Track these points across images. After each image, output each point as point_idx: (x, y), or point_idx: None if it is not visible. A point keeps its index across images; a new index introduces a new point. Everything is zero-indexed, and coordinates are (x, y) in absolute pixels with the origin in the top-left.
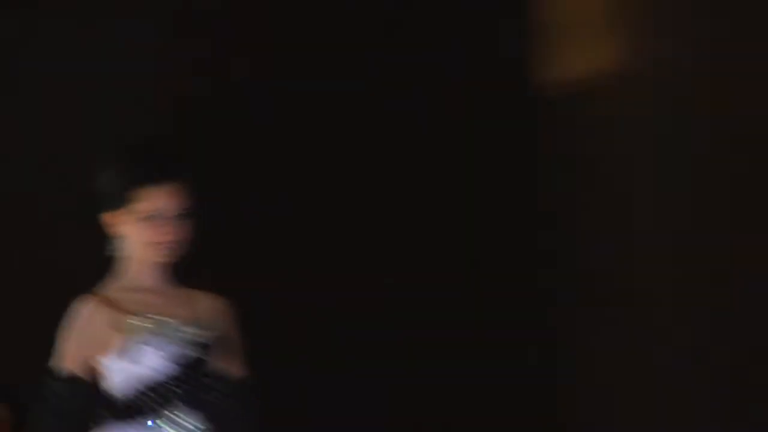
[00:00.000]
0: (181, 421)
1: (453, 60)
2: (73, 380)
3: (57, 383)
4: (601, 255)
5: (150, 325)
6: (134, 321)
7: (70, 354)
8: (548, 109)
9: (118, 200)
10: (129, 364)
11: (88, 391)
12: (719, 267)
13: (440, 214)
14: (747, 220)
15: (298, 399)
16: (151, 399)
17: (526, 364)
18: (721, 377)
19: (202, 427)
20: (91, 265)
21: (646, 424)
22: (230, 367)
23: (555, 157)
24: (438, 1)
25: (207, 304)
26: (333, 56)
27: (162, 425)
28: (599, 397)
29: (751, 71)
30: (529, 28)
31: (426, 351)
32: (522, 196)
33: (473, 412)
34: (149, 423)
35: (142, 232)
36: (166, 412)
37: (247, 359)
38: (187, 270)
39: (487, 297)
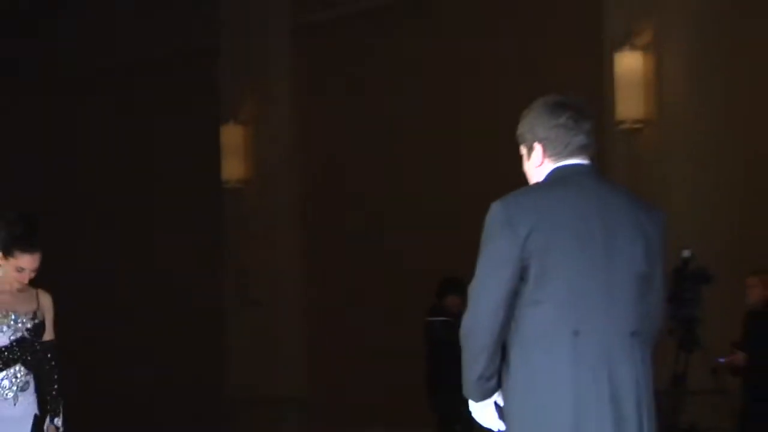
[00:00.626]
0: (17, 372)
1: None
2: None
3: None
4: None
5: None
6: None
7: None
8: None
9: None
10: None
11: None
12: None
13: None
14: None
15: None
16: (2, 358)
17: None
18: None
19: (29, 378)
20: None
21: None
22: (47, 335)
23: None
24: None
25: (41, 297)
26: None
27: (5, 377)
28: None
29: None
30: None
31: None
32: None
33: None
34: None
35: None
36: (10, 368)
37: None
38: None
39: None
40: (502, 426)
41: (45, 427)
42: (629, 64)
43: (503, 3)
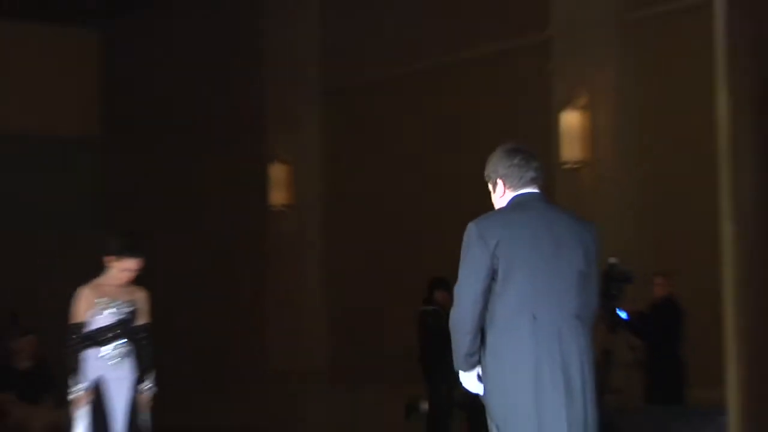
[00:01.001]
0: (119, 345)
1: None
2: (79, 324)
3: (75, 326)
4: None
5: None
6: (102, 299)
7: (79, 313)
8: None
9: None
10: (99, 318)
11: (80, 329)
12: None
13: None
14: None
15: None
16: (109, 333)
17: None
18: None
19: (129, 349)
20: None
21: None
22: (141, 319)
23: None
24: None
25: (138, 293)
26: None
27: (112, 347)
28: None
29: None
30: None
31: None
32: None
33: None
34: (108, 345)
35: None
36: (115, 341)
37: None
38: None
39: None
40: (481, 390)
41: (140, 387)
42: (571, 120)
43: (486, 82)
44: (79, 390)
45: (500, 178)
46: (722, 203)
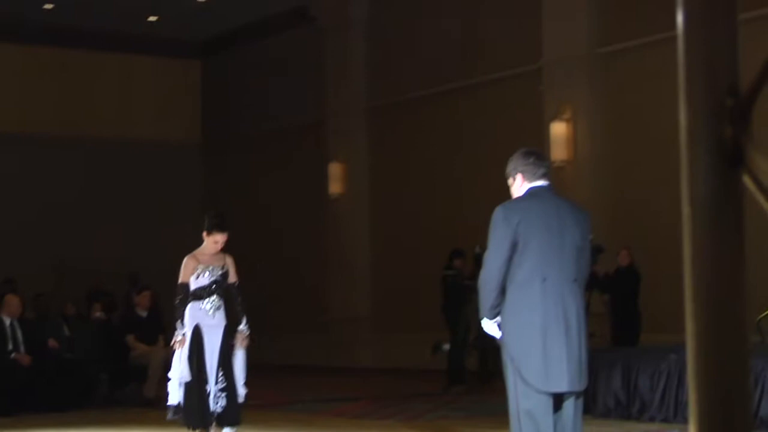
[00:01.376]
0: (214, 299)
1: None
2: (184, 284)
3: (181, 285)
4: None
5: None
6: (200, 265)
7: (185, 276)
8: None
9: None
10: (199, 279)
11: (186, 288)
12: None
13: None
14: None
15: None
16: (205, 291)
17: None
18: None
19: (221, 303)
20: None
21: None
22: (232, 278)
23: None
24: None
25: (227, 258)
26: None
27: (209, 301)
28: None
29: None
30: None
31: None
32: None
33: None
34: (205, 300)
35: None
36: (211, 296)
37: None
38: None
39: None
40: (499, 335)
41: (238, 328)
42: (558, 129)
43: (494, 100)
44: (182, 334)
45: (519, 173)
46: (682, 190)
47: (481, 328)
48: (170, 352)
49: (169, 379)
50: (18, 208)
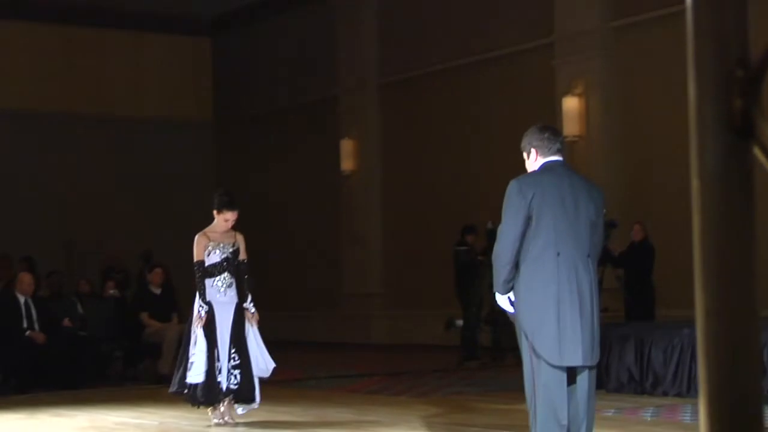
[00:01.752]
0: (225, 276)
1: None
2: (200, 261)
3: (198, 263)
4: None
5: (216, 243)
6: (211, 242)
7: (198, 254)
8: None
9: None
10: (210, 256)
11: (202, 265)
12: None
13: None
14: None
15: None
16: (217, 268)
17: None
18: None
19: (232, 280)
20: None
21: None
22: (242, 255)
23: None
24: None
25: (237, 236)
26: None
27: (220, 278)
28: None
29: None
30: None
31: None
32: None
33: None
34: (217, 277)
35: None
36: (222, 274)
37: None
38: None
39: None
40: (511, 309)
41: (245, 306)
42: (570, 104)
43: (508, 74)
44: (202, 309)
45: (534, 148)
46: (691, 163)
47: (495, 304)
48: (183, 329)
49: (188, 359)
50: (30, 186)
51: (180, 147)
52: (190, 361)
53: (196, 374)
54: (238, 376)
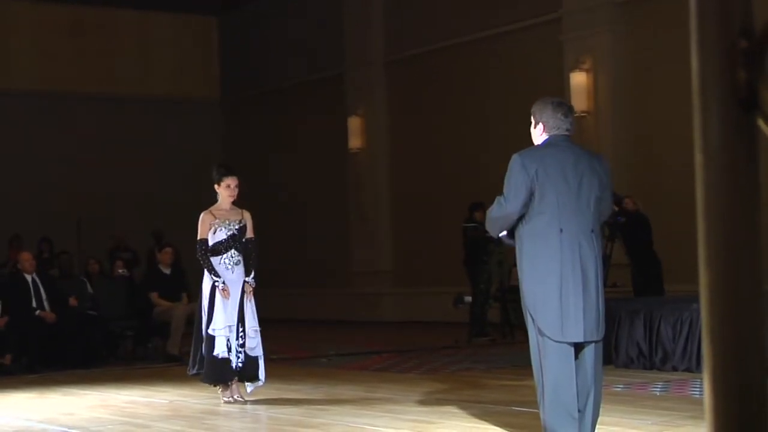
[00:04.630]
0: (232, 253)
1: None
2: (203, 240)
3: (201, 242)
4: None
5: (221, 221)
6: (216, 220)
7: (202, 232)
8: None
9: (217, 180)
10: (216, 234)
11: (205, 243)
12: None
13: None
14: None
15: None
16: (223, 246)
17: None
18: None
19: (240, 257)
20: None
21: None
22: (249, 233)
23: None
24: None
25: (244, 213)
26: None
27: (227, 256)
28: None
29: None
30: None
31: None
32: None
33: None
34: (224, 254)
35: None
36: (229, 251)
37: (253, 232)
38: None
39: None
40: (504, 234)
41: (246, 279)
42: (578, 79)
43: (516, 49)
44: (221, 282)
45: (542, 122)
46: (694, 137)
47: (503, 281)
48: (192, 308)
49: (205, 338)
50: (38, 166)
51: (188, 125)
52: (213, 336)
53: (221, 350)
54: (243, 355)
